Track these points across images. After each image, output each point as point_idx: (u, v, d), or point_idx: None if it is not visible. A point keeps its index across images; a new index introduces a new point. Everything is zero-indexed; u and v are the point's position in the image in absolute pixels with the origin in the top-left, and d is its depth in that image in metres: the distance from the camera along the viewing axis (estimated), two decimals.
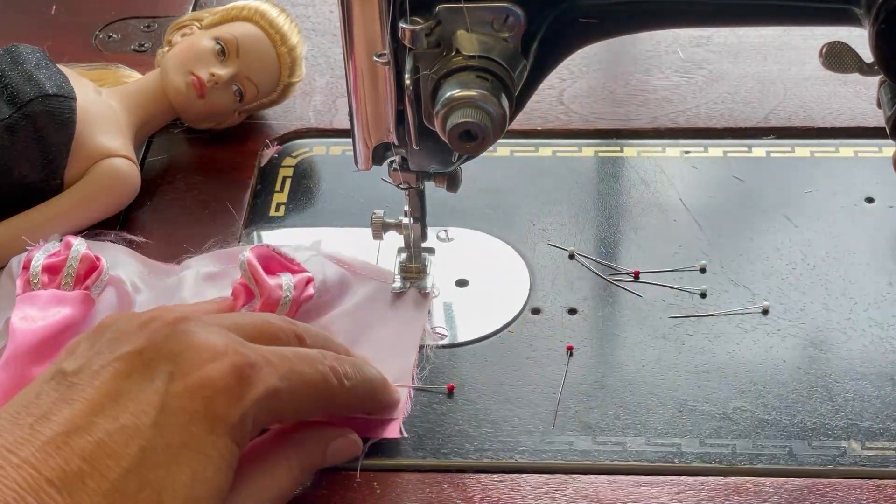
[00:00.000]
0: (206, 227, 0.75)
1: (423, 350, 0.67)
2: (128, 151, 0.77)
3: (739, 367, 0.65)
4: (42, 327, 0.65)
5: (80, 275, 0.68)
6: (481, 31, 0.56)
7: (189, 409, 0.50)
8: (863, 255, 0.72)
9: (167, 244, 0.74)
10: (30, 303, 0.66)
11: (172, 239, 0.74)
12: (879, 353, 0.66)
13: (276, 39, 0.80)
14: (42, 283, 0.67)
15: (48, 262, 0.68)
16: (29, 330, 0.64)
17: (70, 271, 0.67)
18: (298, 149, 0.83)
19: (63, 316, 0.66)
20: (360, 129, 0.64)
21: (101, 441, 0.48)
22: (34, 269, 0.67)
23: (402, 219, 0.69)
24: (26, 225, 0.72)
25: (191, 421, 0.50)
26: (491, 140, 0.56)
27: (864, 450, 0.61)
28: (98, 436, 0.48)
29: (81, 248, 0.68)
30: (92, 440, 0.48)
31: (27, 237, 0.71)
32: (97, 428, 0.49)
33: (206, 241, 0.73)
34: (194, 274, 0.71)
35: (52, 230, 0.72)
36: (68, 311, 0.66)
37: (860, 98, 0.84)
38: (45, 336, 0.64)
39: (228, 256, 0.72)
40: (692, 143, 0.81)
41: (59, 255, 0.68)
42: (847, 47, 0.58)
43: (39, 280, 0.67)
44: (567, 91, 0.86)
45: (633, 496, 0.59)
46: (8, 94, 0.73)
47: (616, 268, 0.72)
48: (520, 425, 0.63)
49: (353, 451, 0.60)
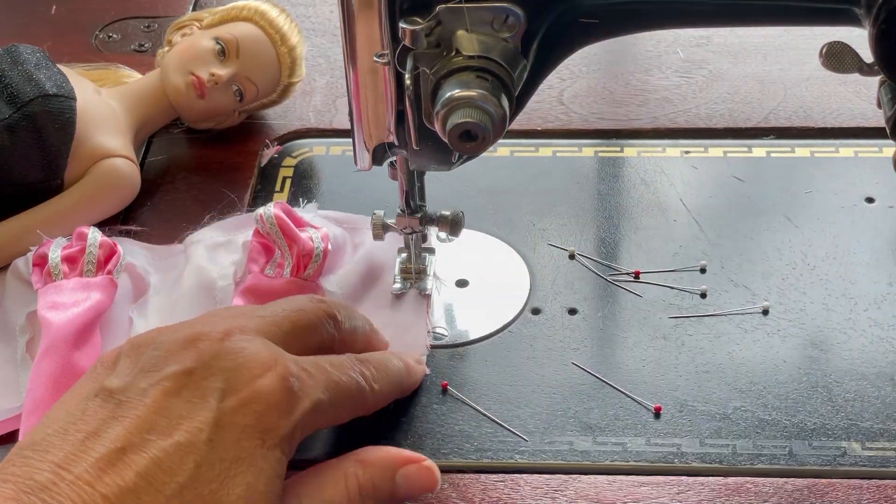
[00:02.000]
0: None
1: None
2: (128, 151, 0.77)
3: (739, 367, 0.66)
4: (76, 314, 0.66)
5: (101, 260, 0.69)
6: (481, 31, 0.56)
7: (241, 424, 0.51)
8: (863, 255, 0.72)
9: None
10: (55, 293, 0.67)
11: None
12: (879, 353, 0.66)
13: (276, 39, 0.80)
14: (63, 273, 0.68)
15: (65, 253, 0.69)
16: (64, 317, 0.65)
17: (91, 258, 0.68)
18: (298, 149, 0.83)
19: (93, 301, 0.67)
20: (360, 129, 0.64)
21: (155, 458, 0.49)
22: (53, 260, 0.68)
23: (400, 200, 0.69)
24: (26, 225, 0.73)
25: (243, 435, 0.51)
26: (491, 140, 0.56)
27: (864, 450, 0.61)
28: (153, 452, 0.49)
29: (98, 235, 0.70)
30: (147, 457, 0.49)
31: (27, 237, 0.71)
32: (152, 445, 0.49)
33: None
34: (202, 248, 0.72)
35: (53, 230, 0.72)
36: (97, 296, 0.67)
37: (860, 98, 0.84)
38: (81, 322, 0.65)
39: (234, 224, 0.74)
40: (692, 143, 0.81)
41: (73, 246, 0.69)
42: (847, 47, 0.58)
43: (61, 270, 0.68)
44: (567, 91, 0.86)
45: (633, 496, 0.59)
46: (8, 94, 0.73)
47: (616, 268, 0.72)
48: (520, 425, 0.63)
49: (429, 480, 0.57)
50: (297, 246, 0.68)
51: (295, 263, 0.68)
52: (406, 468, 0.56)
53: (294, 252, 0.68)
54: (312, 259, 0.68)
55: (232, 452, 0.50)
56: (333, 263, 0.70)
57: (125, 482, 0.48)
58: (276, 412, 0.52)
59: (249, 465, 0.50)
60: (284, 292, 0.67)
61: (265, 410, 0.51)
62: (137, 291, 0.71)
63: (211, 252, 0.72)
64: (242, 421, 0.51)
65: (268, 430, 0.51)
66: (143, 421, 0.50)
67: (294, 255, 0.68)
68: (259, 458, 0.51)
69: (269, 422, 0.51)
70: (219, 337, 0.53)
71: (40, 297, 0.67)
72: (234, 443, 0.50)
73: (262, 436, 0.51)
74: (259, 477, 0.50)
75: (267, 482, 0.50)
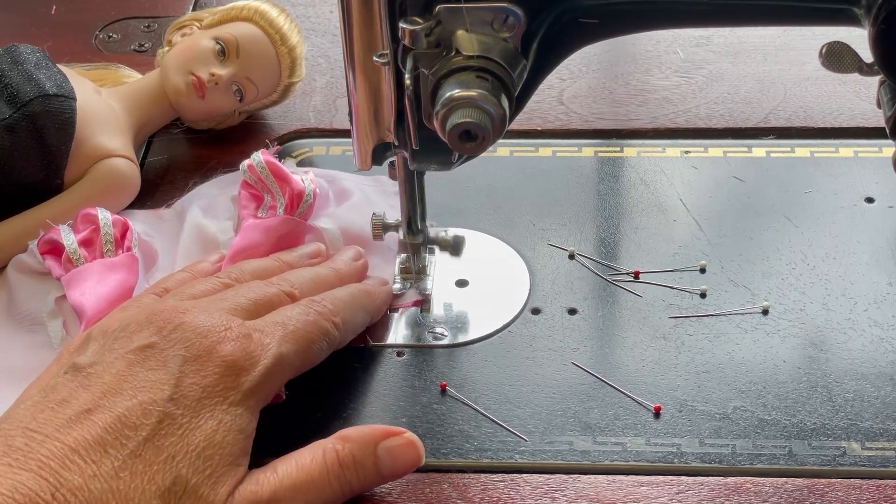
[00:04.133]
0: None
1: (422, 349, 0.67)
2: (128, 151, 0.77)
3: (739, 367, 0.66)
4: (107, 295, 0.67)
5: (118, 238, 0.70)
6: (481, 31, 0.56)
7: (202, 384, 0.55)
8: (863, 255, 0.72)
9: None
10: (82, 279, 0.68)
11: None
12: (879, 353, 0.66)
13: (276, 39, 0.80)
14: (84, 257, 0.69)
15: (80, 237, 0.70)
16: (98, 301, 0.67)
17: (108, 238, 0.70)
18: (298, 149, 0.83)
19: (121, 280, 0.68)
20: (359, 129, 0.64)
21: (121, 415, 0.53)
22: (71, 247, 0.69)
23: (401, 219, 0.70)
24: (26, 225, 0.73)
25: (204, 394, 0.55)
26: (491, 140, 0.56)
27: (863, 450, 0.61)
28: (118, 411, 0.53)
29: (108, 214, 0.71)
30: (113, 414, 0.53)
31: (27, 237, 0.71)
32: (117, 405, 0.53)
33: None
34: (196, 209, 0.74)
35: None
36: (123, 275, 0.69)
37: (860, 98, 0.84)
38: (115, 301, 0.67)
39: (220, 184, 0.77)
40: (692, 143, 0.81)
41: (82, 230, 0.70)
42: (847, 47, 0.58)
43: (81, 255, 0.69)
44: (567, 91, 0.86)
45: (633, 496, 0.59)
46: (8, 94, 0.73)
47: (616, 268, 0.72)
48: (520, 425, 0.63)
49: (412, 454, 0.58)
50: (288, 186, 0.71)
51: (288, 202, 0.71)
52: (387, 441, 0.57)
53: (286, 192, 0.71)
54: (304, 199, 0.71)
55: (193, 408, 0.54)
56: (318, 208, 0.73)
57: (92, 436, 0.52)
58: (235, 371, 0.56)
59: (209, 420, 0.54)
60: (281, 228, 0.70)
61: (224, 371, 0.55)
62: (149, 259, 0.72)
63: (205, 211, 0.74)
64: (203, 382, 0.55)
65: (228, 388, 0.55)
66: (109, 387, 0.54)
67: (286, 196, 0.71)
68: (220, 412, 0.54)
69: (229, 381, 0.55)
70: (180, 313, 0.57)
71: (68, 285, 0.68)
72: (195, 400, 0.54)
73: (223, 394, 0.55)
74: (217, 430, 0.54)
75: (224, 434, 0.54)
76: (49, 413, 0.53)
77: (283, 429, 0.61)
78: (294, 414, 0.63)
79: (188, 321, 0.57)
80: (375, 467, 0.57)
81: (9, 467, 0.50)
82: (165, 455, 0.52)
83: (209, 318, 0.57)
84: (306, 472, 0.55)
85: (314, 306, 0.61)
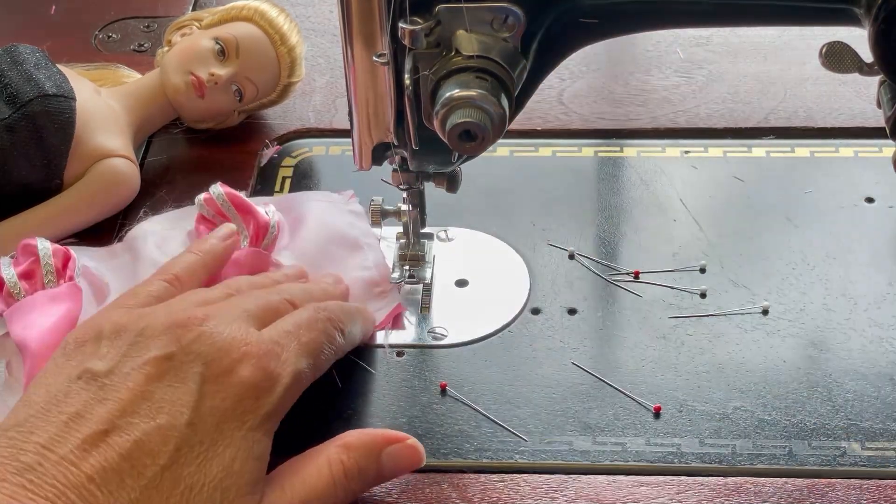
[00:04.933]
0: None
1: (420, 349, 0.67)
2: (127, 151, 0.77)
3: (739, 367, 0.65)
4: (52, 327, 0.64)
5: (59, 268, 0.68)
6: (481, 31, 0.56)
7: (221, 408, 0.53)
8: (863, 255, 0.72)
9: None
10: (26, 311, 0.66)
11: None
12: (879, 353, 0.66)
13: (276, 39, 0.80)
14: (24, 289, 0.67)
15: (19, 270, 0.67)
16: (41, 334, 0.64)
17: (49, 268, 0.67)
18: (298, 149, 0.83)
19: (65, 311, 0.66)
20: (359, 129, 0.64)
21: (139, 440, 0.51)
22: (10, 280, 0.67)
23: (400, 206, 0.69)
24: (26, 225, 0.73)
25: (223, 419, 0.53)
26: (491, 140, 0.56)
27: (863, 450, 0.61)
28: (136, 435, 0.51)
29: (48, 244, 0.68)
30: (130, 439, 0.51)
31: (27, 237, 0.71)
32: (134, 427, 0.51)
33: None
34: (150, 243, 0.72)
35: (52, 230, 0.72)
36: (67, 305, 0.66)
37: (860, 98, 0.84)
38: (59, 334, 0.64)
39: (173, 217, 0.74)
40: (692, 143, 0.81)
41: (22, 262, 0.68)
42: (847, 47, 0.58)
43: (21, 288, 0.67)
44: (567, 91, 0.86)
45: (633, 496, 0.59)
46: (8, 94, 0.73)
47: (616, 268, 0.72)
48: (519, 425, 0.63)
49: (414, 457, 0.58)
50: (253, 218, 0.69)
51: (253, 235, 0.69)
52: (391, 447, 0.57)
53: (251, 224, 0.69)
54: (269, 231, 0.69)
55: (211, 435, 0.52)
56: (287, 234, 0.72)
57: (108, 463, 0.50)
58: (255, 394, 0.54)
59: (227, 447, 0.52)
60: (248, 260, 0.69)
61: (244, 394, 0.54)
62: (99, 293, 0.69)
63: (160, 248, 0.72)
64: (222, 405, 0.53)
65: (247, 412, 0.54)
66: (126, 404, 0.52)
67: (251, 228, 0.69)
68: (238, 439, 0.53)
69: (248, 404, 0.54)
70: (198, 321, 0.55)
71: (10, 319, 0.66)
72: (213, 426, 0.52)
73: (241, 418, 0.53)
74: (236, 458, 0.52)
75: (242, 463, 0.52)
76: (62, 428, 0.51)
77: (283, 429, 0.61)
78: (294, 414, 0.63)
79: (207, 331, 0.55)
80: (378, 472, 0.57)
81: (23, 489, 0.48)
82: (183, 486, 0.51)
83: (227, 329, 0.56)
84: (314, 489, 0.55)
85: (322, 312, 0.60)
